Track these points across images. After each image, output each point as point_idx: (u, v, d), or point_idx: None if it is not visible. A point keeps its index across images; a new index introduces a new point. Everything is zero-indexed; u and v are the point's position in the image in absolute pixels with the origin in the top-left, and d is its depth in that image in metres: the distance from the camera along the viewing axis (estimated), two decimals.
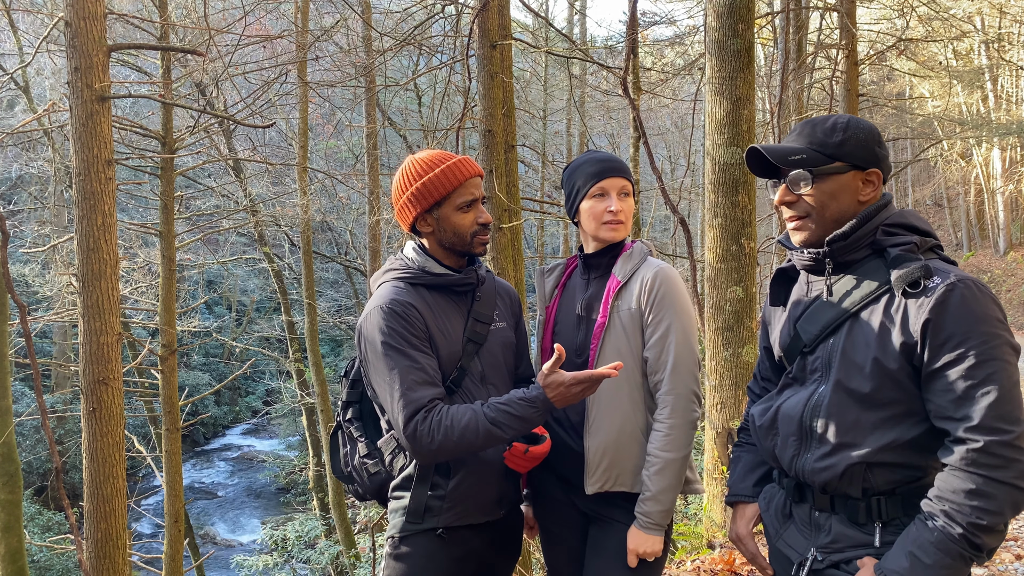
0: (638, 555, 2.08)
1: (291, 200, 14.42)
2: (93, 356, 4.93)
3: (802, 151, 1.68)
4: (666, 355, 2.09)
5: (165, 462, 9.08)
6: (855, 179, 1.67)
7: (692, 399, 2.10)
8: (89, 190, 4.88)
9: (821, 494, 1.68)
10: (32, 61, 8.10)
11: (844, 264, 1.69)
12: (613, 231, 2.18)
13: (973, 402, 1.46)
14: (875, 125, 1.72)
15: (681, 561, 4.42)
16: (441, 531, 2.06)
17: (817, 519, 1.70)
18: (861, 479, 1.60)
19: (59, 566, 13.21)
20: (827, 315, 1.68)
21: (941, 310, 1.50)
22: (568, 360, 2.19)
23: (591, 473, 2.12)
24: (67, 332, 17.87)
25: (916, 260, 1.57)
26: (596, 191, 2.18)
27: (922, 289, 1.53)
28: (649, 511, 2.06)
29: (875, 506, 1.61)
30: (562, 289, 2.34)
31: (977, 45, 20.91)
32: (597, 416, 2.12)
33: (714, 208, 4.80)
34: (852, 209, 1.68)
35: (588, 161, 2.23)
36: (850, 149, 1.66)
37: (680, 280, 2.17)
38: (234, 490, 20.36)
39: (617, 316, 2.13)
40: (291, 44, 12.24)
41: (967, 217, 27.72)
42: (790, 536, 1.78)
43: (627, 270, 2.16)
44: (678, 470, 2.07)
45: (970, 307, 1.50)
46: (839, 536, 1.65)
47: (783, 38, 9.40)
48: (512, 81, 7.15)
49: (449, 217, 2.09)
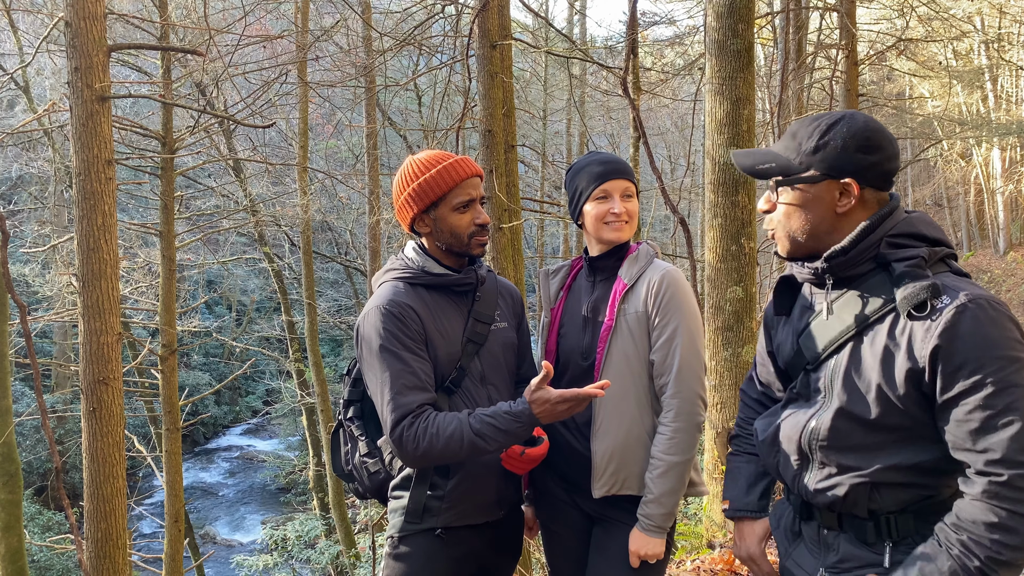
0: (639, 557, 2.08)
1: (291, 200, 14.42)
2: (93, 356, 4.93)
3: (772, 159, 1.58)
4: (672, 358, 2.08)
5: (165, 462, 9.08)
6: (830, 189, 1.53)
7: (697, 403, 2.09)
8: (89, 190, 4.88)
9: (828, 512, 1.61)
10: (32, 61, 8.10)
11: (846, 279, 1.56)
12: (617, 232, 2.17)
13: (994, 433, 1.36)
14: (873, 125, 1.55)
15: (681, 561, 4.42)
16: (440, 531, 2.06)
17: (825, 537, 1.63)
18: (867, 500, 1.53)
19: (59, 566, 13.22)
20: (828, 334, 1.58)
21: (951, 335, 1.38)
22: (574, 363, 2.19)
23: (598, 477, 2.11)
24: (67, 332, 17.88)
25: (923, 277, 1.44)
26: (599, 193, 2.18)
27: (930, 311, 1.41)
28: (651, 513, 2.06)
29: (884, 525, 1.53)
30: (567, 291, 2.33)
31: (977, 45, 20.91)
32: (604, 420, 2.11)
33: (714, 208, 4.80)
34: (828, 221, 1.55)
35: (591, 163, 2.22)
36: (824, 156, 1.52)
37: (687, 283, 2.16)
38: (234, 490, 20.36)
39: (624, 319, 2.13)
40: (291, 44, 12.25)
41: (967, 217, 27.71)
42: (799, 555, 1.71)
43: (633, 273, 2.16)
44: (681, 473, 2.06)
45: (984, 330, 1.37)
46: (847, 555, 1.58)
47: (783, 38, 9.40)
48: (512, 81, 7.15)
49: (446, 217, 2.09)
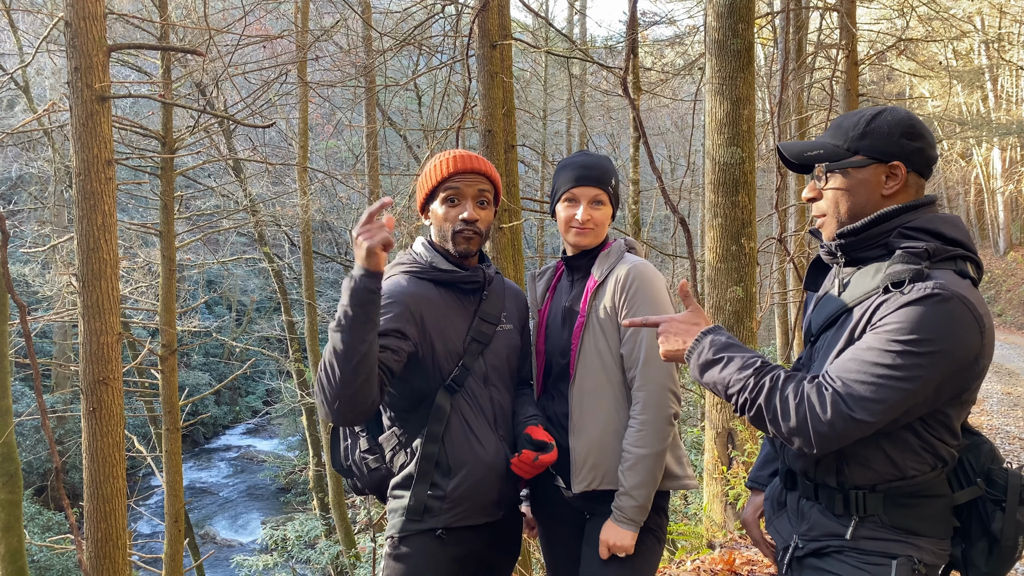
0: (608, 547, 2.08)
1: (291, 200, 14.42)
2: (93, 356, 4.93)
3: (820, 146, 1.66)
4: (638, 351, 2.09)
5: (165, 462, 9.08)
6: (877, 173, 1.61)
7: (665, 394, 2.09)
8: (89, 190, 4.88)
9: (806, 482, 1.69)
10: (32, 61, 8.10)
11: (857, 260, 1.66)
12: (578, 237, 2.20)
13: (842, 365, 1.49)
14: (914, 116, 1.64)
15: (681, 561, 4.42)
16: (441, 532, 2.06)
17: (803, 507, 1.72)
18: (835, 471, 1.61)
19: (59, 566, 13.21)
20: (829, 307, 1.68)
21: (902, 306, 1.44)
22: (556, 361, 2.23)
23: (577, 472, 2.12)
24: (67, 332, 17.88)
25: (915, 264, 1.49)
26: (568, 196, 2.20)
27: (902, 289, 1.46)
28: (622, 506, 2.07)
29: (853, 499, 1.59)
30: (552, 292, 2.36)
31: (977, 45, 20.91)
32: (581, 416, 2.13)
33: (714, 208, 4.80)
34: (873, 204, 1.62)
35: (569, 165, 2.24)
36: (870, 142, 1.60)
37: (655, 275, 2.16)
38: (234, 490, 20.36)
39: (594, 315, 2.15)
40: (291, 44, 12.24)
41: (967, 217, 27.71)
42: (779, 523, 1.80)
43: (604, 269, 2.18)
44: (651, 466, 2.06)
45: (940, 318, 1.41)
46: (816, 524, 1.66)
47: (783, 38, 9.41)
48: (512, 81, 7.15)
49: (436, 211, 2.12)
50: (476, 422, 2.10)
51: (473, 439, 2.08)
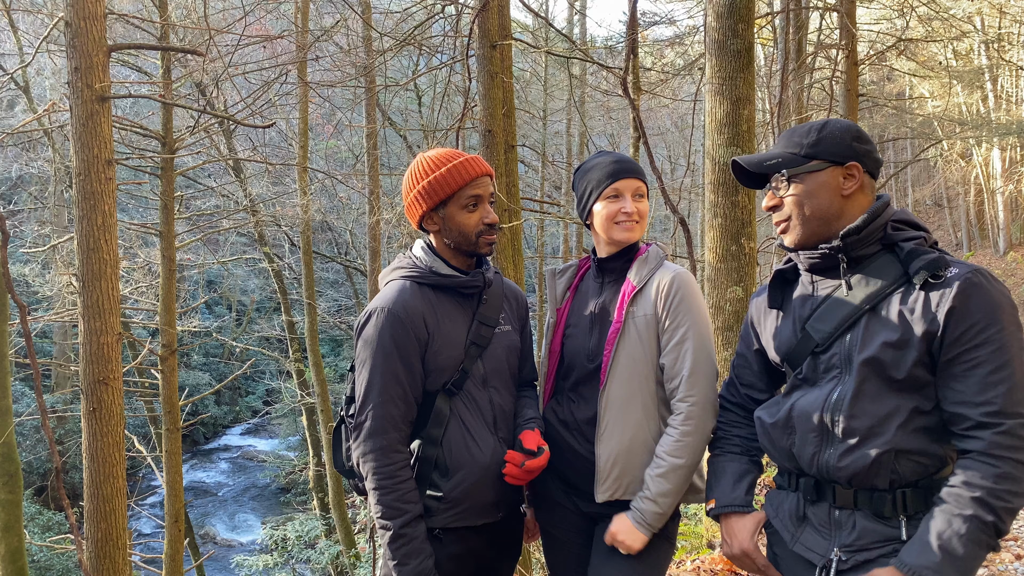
0: (616, 540, 2.05)
1: (291, 200, 14.42)
2: (93, 356, 4.93)
3: (777, 156, 1.73)
4: (682, 362, 2.04)
5: (165, 462, 9.08)
6: (834, 175, 1.70)
7: (710, 408, 2.05)
8: (89, 190, 4.88)
9: (845, 489, 1.66)
10: (32, 61, 8.09)
11: (857, 260, 1.69)
12: (627, 232, 2.14)
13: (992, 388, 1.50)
14: (856, 125, 1.75)
15: (681, 561, 4.42)
16: (439, 532, 2.06)
17: (838, 518, 1.68)
18: (890, 469, 1.60)
19: (59, 566, 13.22)
20: (842, 312, 1.68)
21: (965, 298, 1.53)
22: (580, 364, 2.17)
23: (601, 481, 2.08)
24: (67, 332, 17.88)
25: (931, 252, 1.60)
26: (610, 192, 2.14)
27: (943, 280, 1.57)
28: (643, 509, 2.03)
29: (899, 499, 1.60)
30: (574, 292, 2.30)
31: (977, 45, 20.90)
32: (609, 423, 2.08)
33: (714, 208, 4.80)
34: (836, 206, 1.70)
35: (601, 163, 2.19)
36: (825, 146, 1.69)
37: (697, 286, 2.13)
38: (234, 490, 20.36)
39: (632, 322, 2.09)
40: (291, 44, 12.23)
41: (967, 217, 27.70)
42: (807, 538, 1.73)
43: (643, 275, 2.12)
44: (682, 477, 2.02)
45: (991, 296, 1.54)
46: (864, 532, 1.63)
47: (783, 38, 9.41)
48: (512, 81, 7.15)
49: (454, 216, 2.08)
50: (474, 424, 2.10)
51: (471, 441, 2.08)
